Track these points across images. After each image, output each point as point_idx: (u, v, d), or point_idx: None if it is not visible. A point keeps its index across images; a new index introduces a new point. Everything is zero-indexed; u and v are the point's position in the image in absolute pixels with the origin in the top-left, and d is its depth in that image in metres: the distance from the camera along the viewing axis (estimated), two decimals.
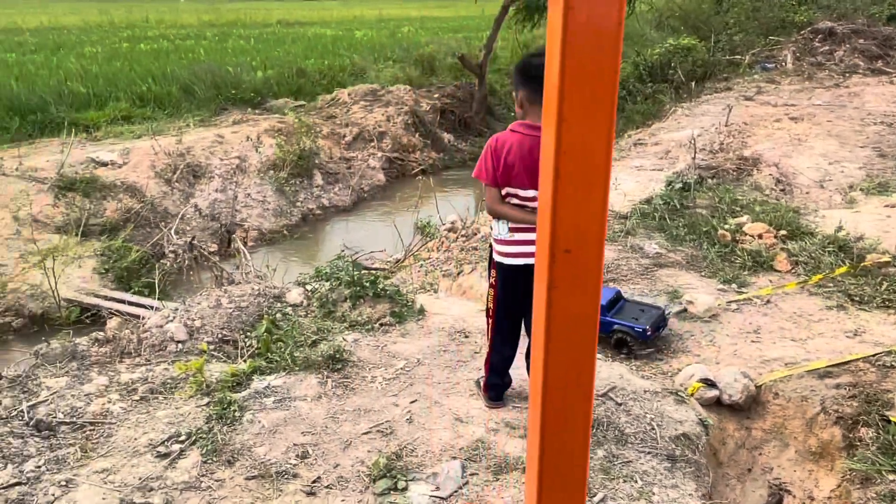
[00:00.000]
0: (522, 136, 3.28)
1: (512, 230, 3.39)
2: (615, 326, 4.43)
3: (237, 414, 3.69)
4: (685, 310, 4.80)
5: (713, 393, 3.92)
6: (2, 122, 12.27)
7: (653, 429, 3.52)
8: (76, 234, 8.48)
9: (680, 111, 11.73)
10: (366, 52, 20.34)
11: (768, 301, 4.97)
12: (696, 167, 7.39)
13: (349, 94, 15.56)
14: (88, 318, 7.16)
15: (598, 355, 4.37)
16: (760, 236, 5.85)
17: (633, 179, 7.79)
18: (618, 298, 4.66)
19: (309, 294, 5.37)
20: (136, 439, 3.55)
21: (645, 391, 3.84)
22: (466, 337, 4.53)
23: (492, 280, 3.59)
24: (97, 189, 9.56)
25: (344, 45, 21.63)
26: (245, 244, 9.65)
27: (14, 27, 26.57)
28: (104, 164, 10.34)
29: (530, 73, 3.22)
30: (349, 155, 13.64)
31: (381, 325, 4.84)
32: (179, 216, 9.72)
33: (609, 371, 4.06)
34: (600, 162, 0.69)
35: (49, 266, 6.80)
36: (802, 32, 14.83)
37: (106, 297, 7.42)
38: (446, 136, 15.40)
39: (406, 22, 31.99)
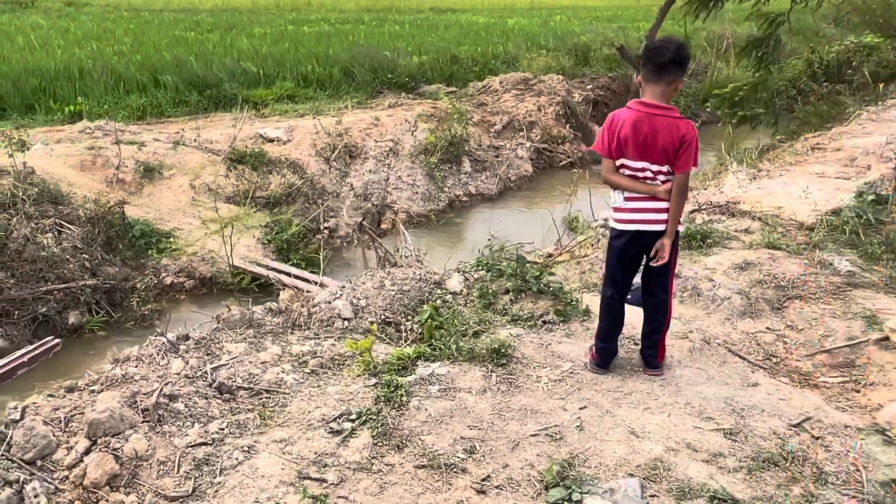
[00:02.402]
0: (636, 113, 3.52)
1: (626, 199, 3.67)
2: None
3: (404, 399, 3.69)
4: (887, 338, 4.30)
5: None
6: (182, 95, 13.24)
7: (857, 470, 3.15)
8: (246, 205, 8.96)
9: (865, 115, 10.66)
10: (518, 40, 20.12)
11: None
12: (893, 178, 6.65)
13: (500, 82, 15.44)
14: (255, 285, 7.53)
15: (783, 382, 4.00)
16: None
17: (816, 187, 7.13)
18: None
19: (469, 283, 5.33)
20: (309, 412, 3.63)
21: (845, 426, 3.46)
22: (636, 344, 4.29)
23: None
24: (264, 163, 10.07)
25: (496, 33, 21.51)
26: (393, 226, 9.82)
27: (192, 7, 28.65)
28: (270, 140, 10.88)
29: (649, 56, 3.54)
30: (498, 143, 13.55)
31: (544, 322, 4.70)
32: (338, 195, 10.05)
33: (802, 400, 3.69)
34: None
35: (227, 234, 7.22)
36: None
37: (268, 267, 7.78)
38: (598, 129, 14.94)
39: (558, 10, 31.39)
